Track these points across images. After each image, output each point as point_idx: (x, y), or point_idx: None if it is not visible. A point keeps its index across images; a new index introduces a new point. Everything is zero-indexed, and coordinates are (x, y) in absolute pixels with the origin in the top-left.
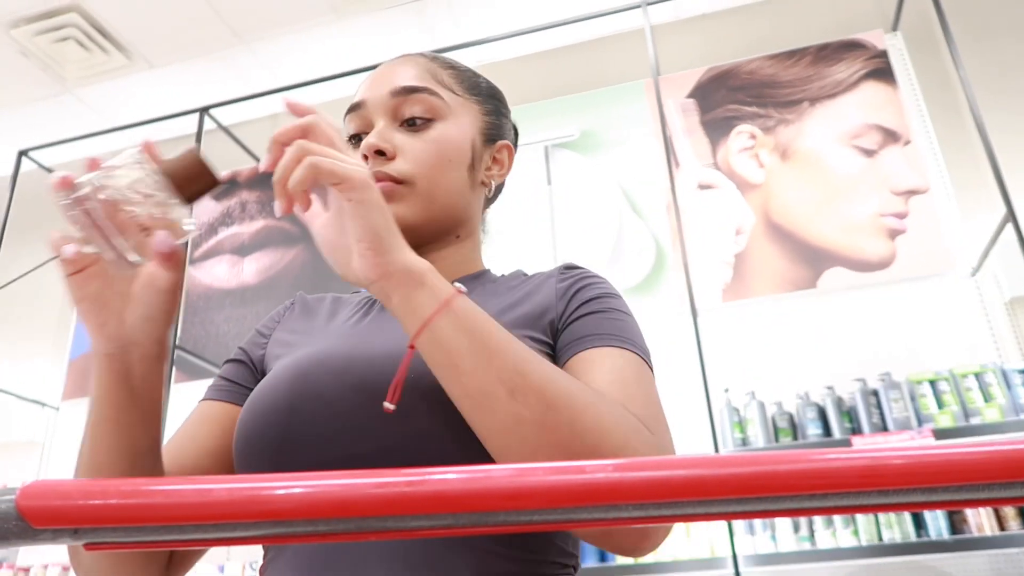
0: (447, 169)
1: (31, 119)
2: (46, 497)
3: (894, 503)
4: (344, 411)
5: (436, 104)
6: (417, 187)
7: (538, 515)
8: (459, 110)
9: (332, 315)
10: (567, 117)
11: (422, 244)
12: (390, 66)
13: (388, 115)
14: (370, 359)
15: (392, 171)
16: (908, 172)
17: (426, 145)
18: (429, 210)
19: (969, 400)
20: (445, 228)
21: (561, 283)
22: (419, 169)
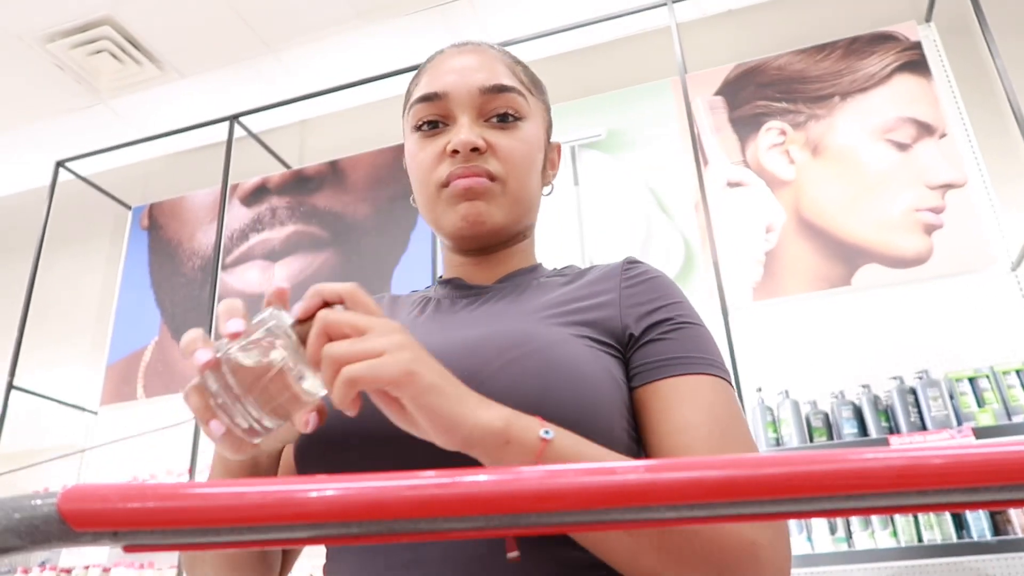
0: (531, 170)
1: (67, 130)
2: (86, 500)
3: (934, 503)
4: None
5: (521, 104)
6: (508, 187)
7: (569, 516)
8: (535, 110)
9: (391, 316)
10: (594, 117)
11: (500, 244)
12: (468, 57)
13: (475, 111)
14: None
15: (489, 167)
16: (944, 166)
17: (517, 145)
18: (515, 211)
19: (1011, 398)
20: (521, 229)
21: (628, 285)
22: (511, 169)
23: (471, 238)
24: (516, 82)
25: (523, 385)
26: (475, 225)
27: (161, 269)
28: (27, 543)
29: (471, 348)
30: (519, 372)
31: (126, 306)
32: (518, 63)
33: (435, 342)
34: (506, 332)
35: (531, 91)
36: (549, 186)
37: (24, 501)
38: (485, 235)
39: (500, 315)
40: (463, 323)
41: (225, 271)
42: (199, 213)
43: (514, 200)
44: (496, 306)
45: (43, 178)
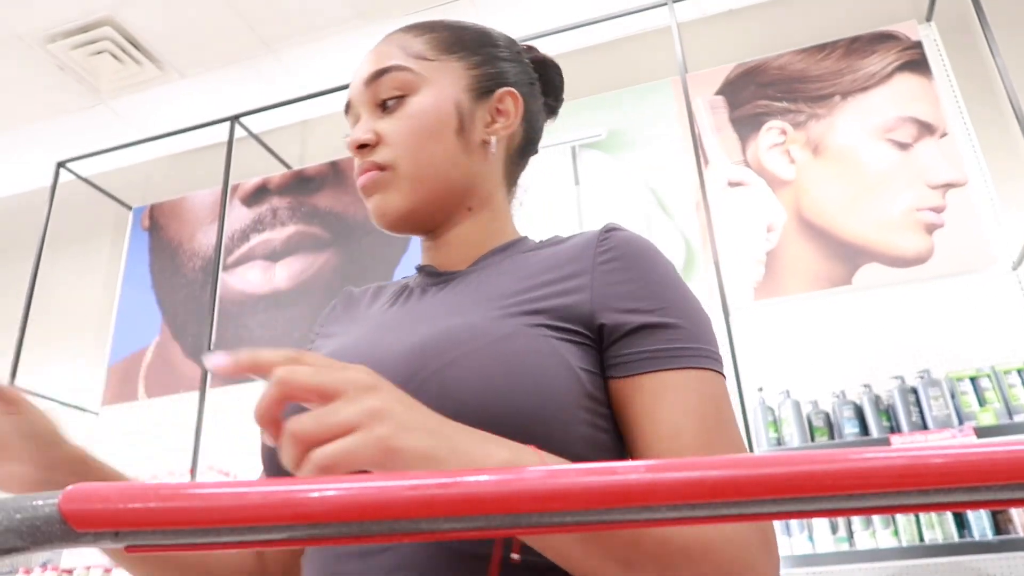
0: (428, 142)
1: (68, 131)
2: (88, 501)
3: (935, 503)
4: None
5: (406, 79)
6: (400, 170)
7: (571, 516)
8: (436, 75)
9: (369, 305)
10: (594, 117)
11: (430, 227)
12: (366, 56)
13: (369, 106)
14: (380, 358)
15: (376, 158)
16: (945, 165)
17: (400, 123)
18: (419, 191)
19: (1012, 397)
20: (448, 204)
21: (603, 261)
22: (399, 151)
23: (391, 229)
24: (401, 59)
25: (462, 388)
26: (381, 218)
27: (162, 270)
28: (28, 544)
29: (414, 348)
30: (458, 374)
31: (127, 307)
32: (427, 31)
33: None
34: (449, 330)
35: (428, 57)
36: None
37: (25, 501)
38: (400, 224)
39: (456, 307)
40: (421, 317)
41: (226, 272)
42: (200, 213)
43: (413, 179)
44: (458, 295)
45: (44, 179)
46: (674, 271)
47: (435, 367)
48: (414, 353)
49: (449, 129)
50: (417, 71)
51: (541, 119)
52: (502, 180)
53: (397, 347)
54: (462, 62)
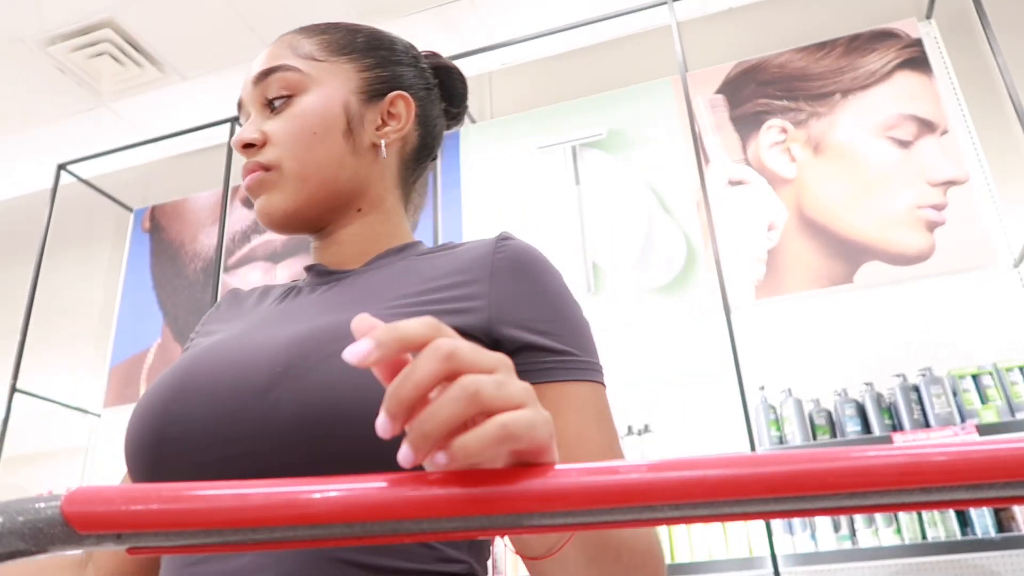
0: (313, 142)
1: (69, 133)
2: (90, 503)
3: (938, 501)
4: (216, 410)
5: (293, 79)
6: (284, 170)
7: (572, 516)
8: (325, 76)
9: (255, 304)
10: (594, 116)
11: (318, 227)
12: (257, 60)
13: (257, 105)
14: (254, 350)
15: (261, 158)
16: (946, 162)
17: (285, 123)
18: (303, 191)
19: (1014, 394)
20: (335, 205)
21: (499, 272)
22: (284, 151)
23: (277, 229)
24: (288, 59)
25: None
26: (266, 218)
27: (163, 271)
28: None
29: (289, 343)
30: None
31: (128, 308)
32: (319, 33)
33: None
34: (330, 325)
35: (318, 58)
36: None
37: (28, 504)
38: (286, 224)
39: (342, 305)
40: (302, 314)
41: (227, 273)
42: (201, 215)
43: (297, 179)
44: (346, 294)
45: (45, 181)
46: (564, 282)
47: (313, 360)
48: (292, 346)
49: (336, 130)
50: (305, 71)
51: (440, 125)
52: (395, 183)
53: (273, 340)
54: (353, 64)
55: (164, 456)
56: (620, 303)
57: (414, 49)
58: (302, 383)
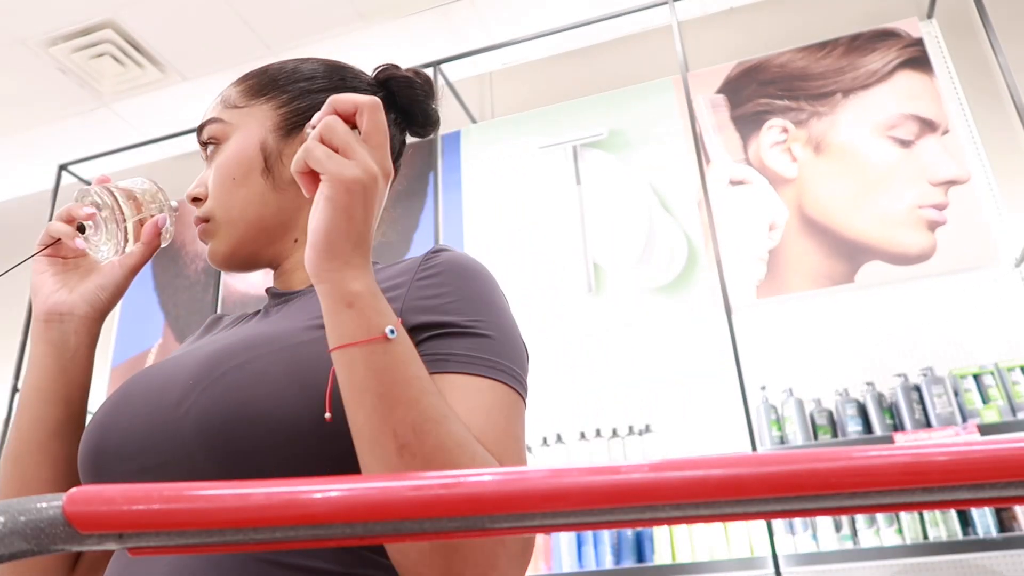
0: (233, 187)
1: (70, 134)
2: (92, 503)
3: (939, 500)
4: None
5: (217, 129)
6: (217, 218)
7: (573, 516)
8: (243, 121)
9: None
10: (595, 116)
11: (262, 262)
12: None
13: (204, 159)
14: (183, 363)
15: (202, 212)
16: (947, 162)
17: (213, 173)
18: (234, 234)
19: (1016, 394)
20: (268, 240)
21: (421, 277)
22: (213, 200)
23: (224, 269)
24: (219, 111)
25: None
26: (212, 262)
27: (164, 272)
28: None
29: (205, 357)
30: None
31: (130, 309)
32: (244, 81)
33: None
34: (244, 339)
35: (238, 105)
36: None
37: (30, 504)
38: (228, 265)
39: (274, 322)
40: (238, 332)
41: (228, 274)
42: None
43: (228, 225)
44: (287, 312)
45: (46, 181)
46: (494, 290)
47: (223, 369)
48: (210, 357)
49: (255, 171)
50: (227, 120)
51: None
52: None
53: (195, 356)
54: (270, 103)
55: (101, 468)
56: (621, 303)
57: (344, 71)
58: (208, 393)
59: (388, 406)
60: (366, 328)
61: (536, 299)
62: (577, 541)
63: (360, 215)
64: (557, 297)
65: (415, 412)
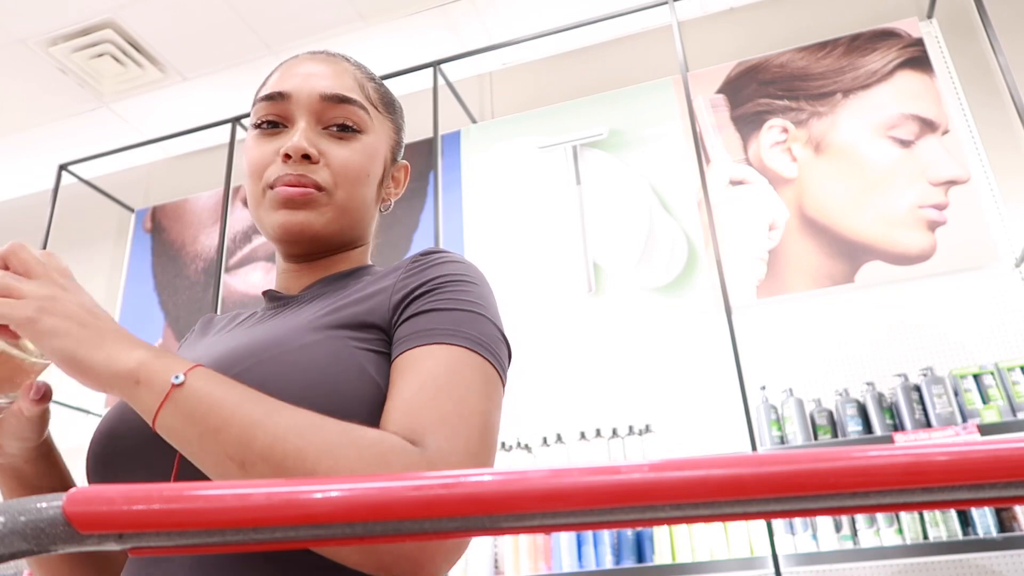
0: (364, 184)
1: (70, 134)
2: (92, 503)
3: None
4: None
5: (363, 118)
6: (335, 197)
7: (573, 516)
8: (378, 127)
9: (221, 329)
10: (595, 116)
11: (323, 252)
12: (318, 63)
13: (313, 117)
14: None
15: (317, 178)
16: (947, 162)
17: (351, 156)
18: (340, 221)
19: (1016, 394)
20: (347, 240)
21: (408, 273)
22: (341, 180)
23: (289, 244)
24: (360, 96)
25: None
26: (292, 233)
27: (164, 271)
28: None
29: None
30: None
31: (130, 309)
32: (372, 80)
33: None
34: (250, 343)
35: (378, 108)
36: (387, 204)
37: (30, 504)
38: (305, 243)
39: (277, 325)
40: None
41: (228, 273)
42: (202, 215)
43: (341, 210)
44: (289, 315)
45: (46, 181)
46: (477, 282)
47: (232, 374)
48: (216, 363)
49: (376, 179)
50: (371, 116)
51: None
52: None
53: (204, 358)
54: (392, 124)
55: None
56: (621, 303)
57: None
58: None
59: (212, 439)
60: (159, 391)
61: (536, 299)
62: (577, 541)
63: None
64: (557, 297)
65: (236, 426)
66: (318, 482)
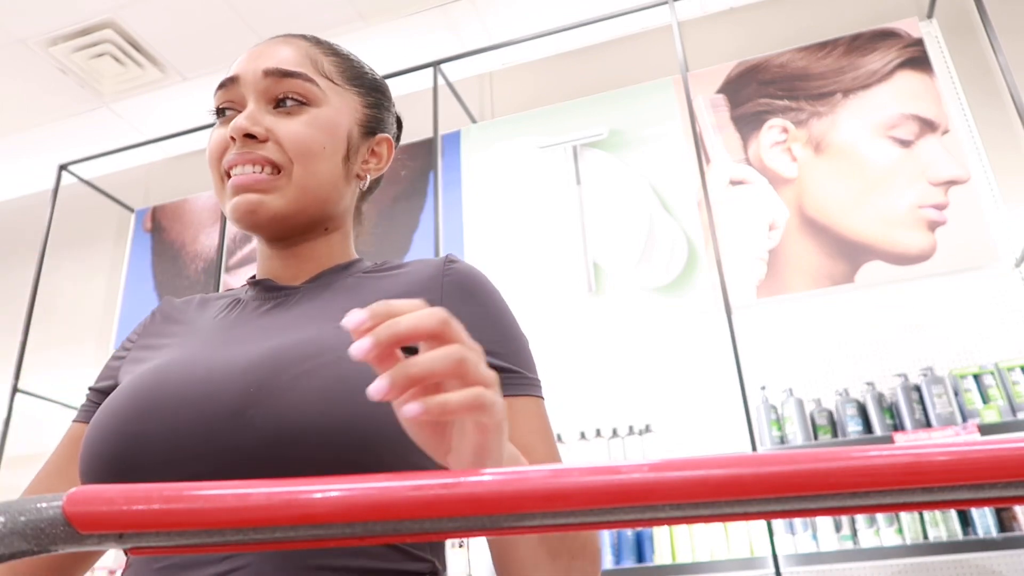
0: (320, 157)
1: (70, 134)
2: (91, 503)
3: (939, 500)
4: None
5: (311, 91)
6: (292, 174)
7: (573, 516)
8: (336, 99)
9: (196, 316)
10: (595, 116)
11: (291, 236)
12: (269, 44)
13: (260, 96)
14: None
15: (267, 154)
16: (947, 162)
17: (300, 129)
18: (301, 200)
19: (1016, 394)
20: (315, 220)
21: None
22: (293, 155)
23: (251, 228)
24: (309, 69)
25: (308, 402)
26: (251, 216)
27: (164, 271)
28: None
29: (259, 361)
30: (303, 391)
31: (130, 308)
32: (334, 54)
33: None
34: (298, 343)
35: (334, 80)
36: (362, 180)
37: (30, 504)
38: (265, 225)
39: (303, 322)
40: (262, 330)
41: (228, 273)
42: (202, 215)
43: (299, 187)
44: (301, 310)
45: (46, 181)
46: (506, 303)
47: (286, 380)
48: (263, 365)
49: (339, 153)
50: (321, 87)
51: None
52: (352, 210)
53: (242, 358)
54: (359, 97)
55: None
56: (621, 303)
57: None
58: (276, 402)
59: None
60: None
61: (536, 299)
62: None
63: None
64: (557, 297)
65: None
66: (318, 482)
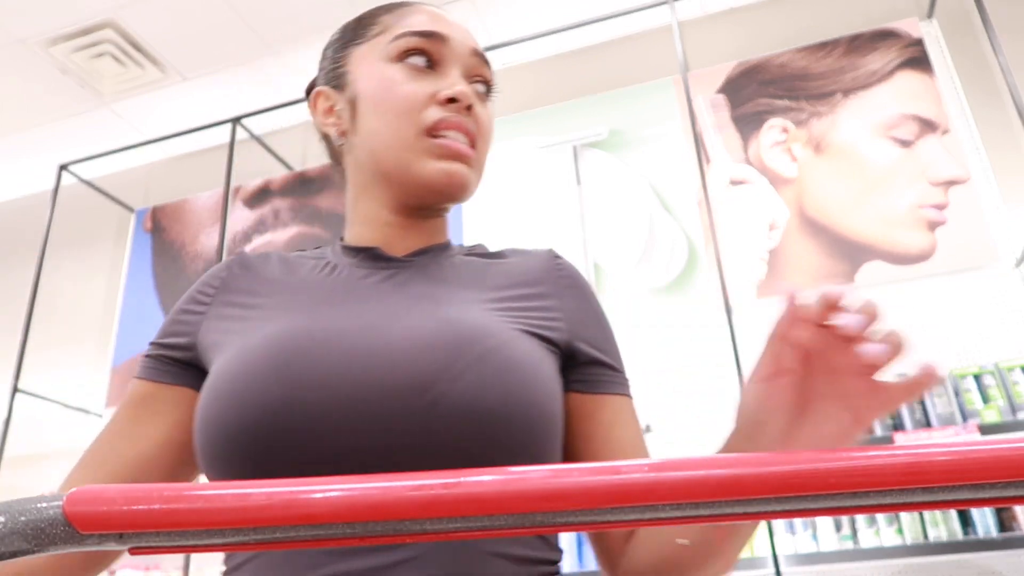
0: (489, 148)
1: (70, 134)
2: (92, 503)
3: (939, 500)
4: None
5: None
6: (480, 157)
7: (574, 516)
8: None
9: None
10: (595, 116)
11: (438, 212)
12: (456, 22)
13: (465, 70)
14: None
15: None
16: (947, 162)
17: (490, 118)
18: (477, 180)
19: (1016, 394)
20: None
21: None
22: (484, 141)
23: (448, 198)
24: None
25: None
26: (459, 185)
27: (165, 271)
28: (33, 546)
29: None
30: (481, 374)
31: (130, 308)
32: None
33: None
34: (460, 325)
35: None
36: None
37: (30, 504)
38: (460, 197)
39: (435, 299)
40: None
41: None
42: (202, 215)
43: (480, 169)
44: (421, 286)
45: (46, 181)
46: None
47: (467, 361)
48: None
49: None
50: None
51: None
52: None
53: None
54: None
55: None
56: (621, 303)
57: None
58: (460, 384)
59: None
60: None
61: None
62: (577, 541)
63: None
64: None
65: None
66: (318, 482)
